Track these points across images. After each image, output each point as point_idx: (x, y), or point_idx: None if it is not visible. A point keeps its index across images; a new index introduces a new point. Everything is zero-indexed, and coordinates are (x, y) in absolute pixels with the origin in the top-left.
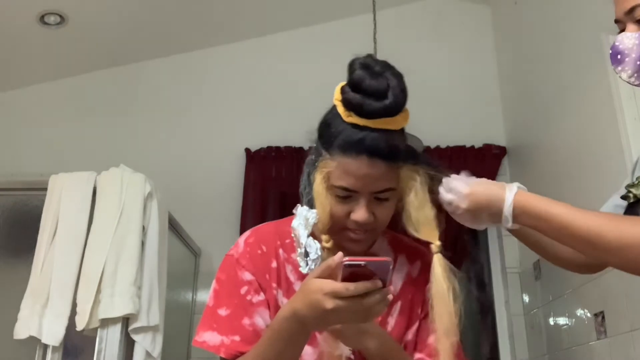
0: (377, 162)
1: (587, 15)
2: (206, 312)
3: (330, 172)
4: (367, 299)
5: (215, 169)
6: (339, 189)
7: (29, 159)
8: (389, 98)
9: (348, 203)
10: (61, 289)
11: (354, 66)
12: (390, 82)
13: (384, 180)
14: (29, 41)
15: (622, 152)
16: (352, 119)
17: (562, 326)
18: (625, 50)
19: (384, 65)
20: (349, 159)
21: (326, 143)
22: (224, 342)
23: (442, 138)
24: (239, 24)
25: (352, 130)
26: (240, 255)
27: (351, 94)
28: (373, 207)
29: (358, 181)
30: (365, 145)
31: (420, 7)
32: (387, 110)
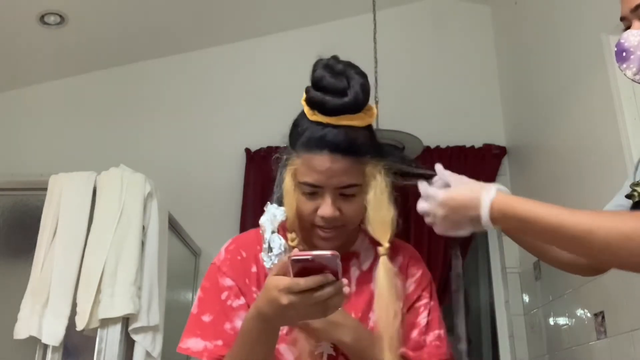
0: (338, 157)
1: (587, 15)
2: (190, 319)
3: (296, 169)
4: (319, 293)
5: (215, 169)
6: (304, 184)
7: (29, 159)
8: (348, 95)
9: (314, 199)
10: (61, 289)
11: (316, 66)
12: (350, 80)
13: (347, 176)
14: (29, 41)
15: (622, 152)
16: (316, 117)
17: (562, 326)
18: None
19: (346, 65)
20: (312, 155)
21: (293, 142)
22: (207, 347)
23: (442, 138)
24: (239, 24)
25: (315, 127)
26: (221, 262)
27: (312, 92)
28: (339, 203)
29: (321, 176)
30: (327, 141)
31: (420, 7)
32: (348, 107)
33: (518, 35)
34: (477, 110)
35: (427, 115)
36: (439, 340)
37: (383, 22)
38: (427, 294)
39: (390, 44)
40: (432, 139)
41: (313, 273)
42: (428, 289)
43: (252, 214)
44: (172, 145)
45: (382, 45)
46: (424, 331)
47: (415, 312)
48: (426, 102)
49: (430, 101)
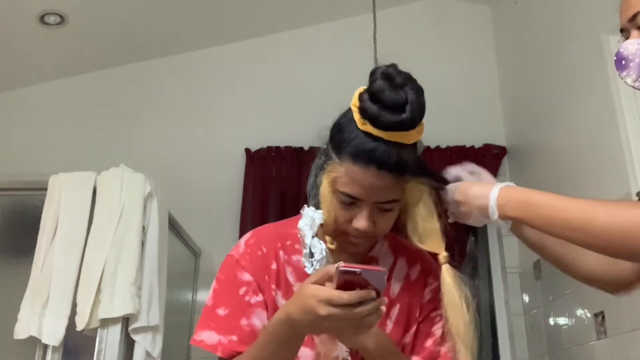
0: (384, 174)
1: (587, 16)
2: (205, 311)
3: (337, 177)
4: (360, 309)
5: (215, 169)
6: (344, 195)
7: (29, 159)
8: (406, 112)
9: (351, 209)
10: (61, 289)
11: (375, 75)
12: (409, 96)
13: (389, 192)
14: (29, 41)
15: (622, 152)
16: (367, 127)
17: (562, 326)
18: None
19: (405, 78)
20: (357, 167)
21: (337, 147)
22: (221, 342)
23: (442, 138)
24: (239, 24)
25: (364, 138)
26: (240, 256)
27: (369, 103)
28: (375, 216)
29: (363, 190)
30: (376, 156)
31: (420, 7)
32: (403, 125)
33: (518, 35)
34: (477, 110)
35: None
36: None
37: (383, 22)
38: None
39: (390, 44)
40: (432, 139)
41: (356, 287)
42: None
43: (252, 214)
44: (172, 145)
45: (382, 45)
46: (439, 342)
47: (430, 322)
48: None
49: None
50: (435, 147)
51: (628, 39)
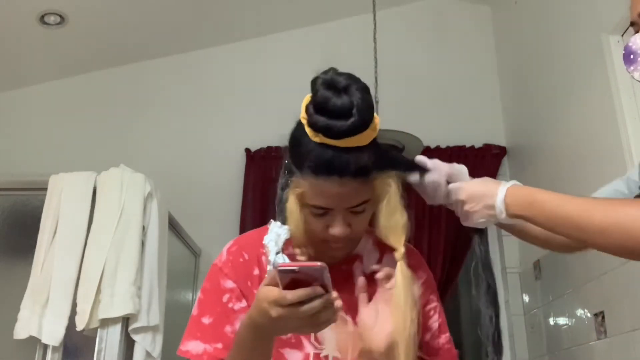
0: (348, 181)
1: (587, 16)
2: (191, 321)
3: (303, 192)
4: (307, 306)
5: (215, 169)
6: (314, 207)
7: (29, 159)
8: (354, 116)
9: (324, 218)
10: (61, 289)
11: (316, 85)
12: (354, 99)
13: (358, 196)
14: (29, 41)
15: (622, 152)
16: (320, 138)
17: (562, 326)
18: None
19: (347, 79)
20: (320, 180)
21: (296, 162)
22: (206, 350)
23: (442, 138)
24: (239, 24)
25: (320, 150)
26: (223, 264)
27: (316, 117)
28: (349, 219)
29: (331, 200)
30: (335, 166)
31: (420, 7)
32: (354, 129)
33: (518, 35)
34: (477, 110)
35: (427, 115)
36: (449, 343)
37: (383, 22)
38: (434, 297)
39: (390, 44)
40: (432, 139)
41: (302, 285)
42: (435, 292)
43: (252, 214)
44: (172, 145)
45: (382, 45)
46: (437, 335)
47: (425, 316)
48: (426, 102)
49: (430, 101)
50: (435, 147)
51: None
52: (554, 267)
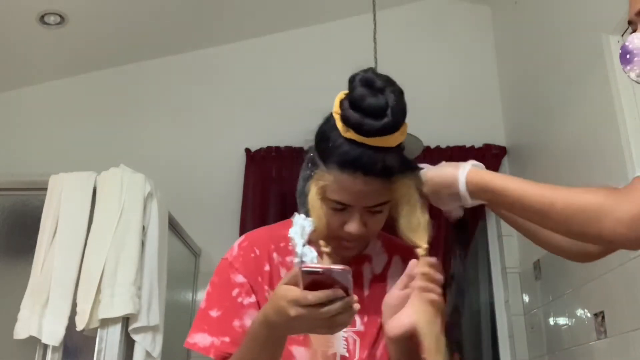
0: (372, 179)
1: (587, 15)
2: (198, 314)
3: (325, 185)
4: (327, 308)
5: (215, 169)
6: (334, 202)
7: (29, 159)
8: (387, 117)
9: (342, 215)
10: (61, 289)
11: (354, 82)
12: (389, 100)
13: (378, 196)
14: (29, 41)
15: (622, 152)
16: (350, 134)
17: (562, 326)
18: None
19: (385, 81)
20: (345, 176)
21: (323, 156)
22: (214, 344)
23: (442, 138)
24: (239, 24)
25: (349, 146)
26: (233, 258)
27: (350, 112)
28: (366, 219)
29: (352, 197)
30: (362, 164)
31: (420, 7)
32: (385, 130)
33: (518, 35)
34: (477, 110)
35: (427, 115)
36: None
37: (383, 22)
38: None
39: (390, 44)
40: (432, 139)
41: (323, 286)
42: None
43: (252, 214)
44: (172, 145)
45: (382, 45)
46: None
47: None
48: (426, 102)
49: (430, 101)
50: (435, 147)
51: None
52: (554, 267)
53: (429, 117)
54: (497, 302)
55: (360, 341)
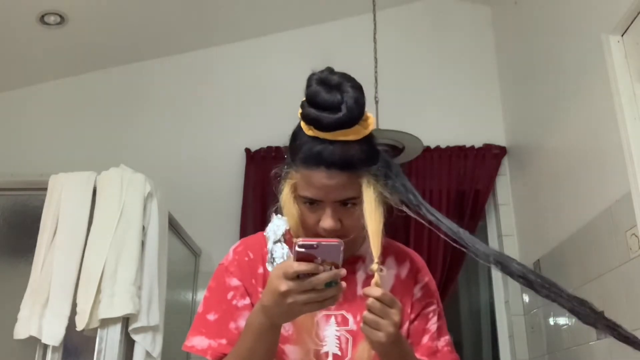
0: (334, 173)
1: (587, 16)
2: (196, 318)
3: (295, 183)
4: (315, 278)
5: (215, 169)
6: (304, 198)
7: (29, 159)
8: (342, 111)
9: (316, 211)
10: (61, 289)
11: (310, 81)
12: (344, 95)
13: (345, 190)
14: (29, 41)
15: (622, 152)
16: (312, 132)
17: (562, 326)
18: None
19: (340, 77)
20: (309, 171)
21: (291, 155)
22: (211, 345)
23: (442, 138)
24: (239, 24)
25: (312, 143)
26: (229, 263)
27: (307, 109)
28: (340, 214)
29: (319, 191)
30: (323, 158)
31: (420, 7)
32: (342, 123)
33: (518, 35)
34: (477, 110)
35: (427, 115)
36: (449, 346)
37: (383, 22)
38: (434, 300)
39: (390, 44)
40: (432, 139)
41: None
42: (435, 295)
43: (252, 214)
44: (173, 146)
45: (382, 45)
46: (435, 337)
47: (424, 319)
48: (426, 102)
49: (430, 101)
50: (435, 147)
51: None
52: (554, 267)
53: (429, 117)
54: (497, 302)
55: (352, 340)
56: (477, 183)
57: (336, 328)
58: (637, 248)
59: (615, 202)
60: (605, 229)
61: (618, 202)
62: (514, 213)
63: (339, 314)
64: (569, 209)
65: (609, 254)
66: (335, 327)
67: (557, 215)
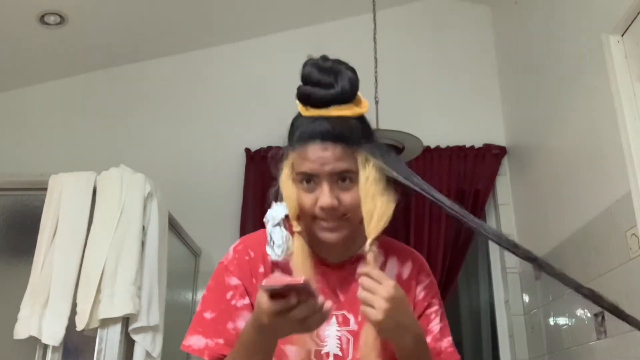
0: (329, 144)
1: (587, 16)
2: (194, 317)
3: (293, 163)
4: (293, 313)
5: (215, 169)
6: (301, 175)
7: (29, 159)
8: (335, 87)
9: (313, 190)
10: (61, 289)
11: (304, 65)
12: (338, 75)
13: (340, 162)
14: (29, 41)
15: (622, 152)
16: (308, 112)
17: (562, 326)
18: None
19: (334, 62)
20: (305, 146)
21: (290, 139)
22: (208, 345)
23: (442, 138)
24: (239, 24)
25: (307, 121)
26: (229, 262)
27: (302, 88)
28: (337, 192)
29: (314, 164)
30: (317, 131)
31: (420, 7)
32: (335, 97)
33: (518, 35)
34: (477, 110)
35: (427, 115)
36: (452, 347)
37: (383, 22)
38: (437, 301)
39: (390, 44)
40: (432, 139)
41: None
42: (437, 295)
43: (252, 214)
44: (172, 145)
45: (382, 45)
46: (439, 337)
47: (427, 319)
48: (426, 102)
49: (430, 101)
50: (435, 147)
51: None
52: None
53: (429, 117)
54: (497, 302)
55: (353, 340)
56: (477, 183)
57: (337, 328)
58: (637, 248)
59: (615, 202)
60: (605, 229)
61: (618, 202)
62: (514, 213)
63: (340, 314)
64: (569, 209)
65: (609, 254)
66: (337, 327)
67: (557, 215)
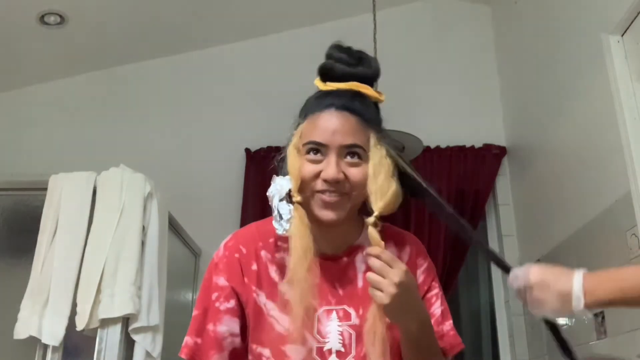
0: (344, 113)
1: (587, 15)
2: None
3: (302, 133)
4: None
5: (215, 169)
6: (309, 144)
7: (29, 159)
8: (359, 67)
9: (318, 163)
10: (61, 289)
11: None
12: (363, 57)
13: (352, 135)
14: (29, 41)
15: (622, 152)
16: (327, 86)
17: (562, 326)
18: None
19: (358, 50)
20: (318, 113)
21: (302, 113)
22: (187, 343)
23: (442, 138)
24: (239, 24)
25: (324, 92)
26: (219, 259)
27: (324, 62)
28: (343, 167)
29: (326, 133)
30: (334, 99)
31: (420, 6)
32: (357, 74)
33: (518, 35)
34: (477, 110)
35: (427, 115)
36: (453, 330)
37: (383, 22)
38: (436, 284)
39: (390, 44)
40: (432, 139)
41: None
42: (436, 278)
43: (252, 214)
44: (172, 145)
45: (382, 45)
46: (440, 321)
47: (428, 303)
48: (426, 102)
49: (430, 101)
50: (435, 147)
51: None
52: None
53: (429, 117)
54: (497, 302)
55: (356, 335)
56: (477, 183)
57: (338, 323)
58: (637, 248)
59: (615, 202)
60: (605, 229)
61: (618, 202)
62: (514, 213)
63: (340, 309)
64: (568, 209)
65: (609, 254)
66: (337, 322)
67: (557, 215)
